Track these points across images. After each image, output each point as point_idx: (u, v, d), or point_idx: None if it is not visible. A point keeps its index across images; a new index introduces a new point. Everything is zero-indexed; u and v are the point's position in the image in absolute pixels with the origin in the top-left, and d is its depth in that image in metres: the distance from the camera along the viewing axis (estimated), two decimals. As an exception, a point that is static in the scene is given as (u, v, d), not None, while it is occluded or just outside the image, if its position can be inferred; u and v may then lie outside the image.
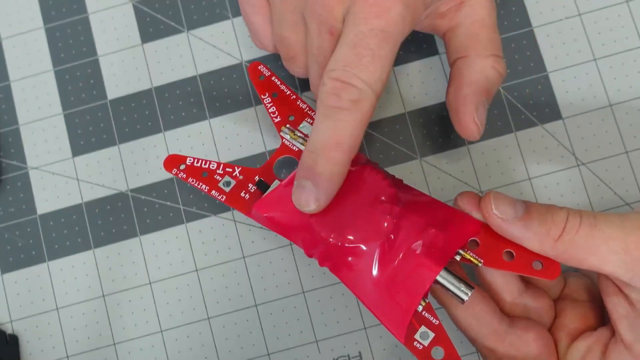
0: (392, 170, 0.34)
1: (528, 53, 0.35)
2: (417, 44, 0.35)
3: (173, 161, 0.31)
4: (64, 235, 0.35)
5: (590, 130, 0.34)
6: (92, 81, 0.36)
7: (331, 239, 0.28)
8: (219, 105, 0.35)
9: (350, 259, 0.28)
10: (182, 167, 0.31)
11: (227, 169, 0.31)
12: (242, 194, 0.31)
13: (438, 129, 0.34)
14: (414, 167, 0.34)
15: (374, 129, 0.34)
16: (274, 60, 0.35)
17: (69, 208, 0.35)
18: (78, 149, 0.36)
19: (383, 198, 0.28)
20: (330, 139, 0.27)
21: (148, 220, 0.35)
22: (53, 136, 0.36)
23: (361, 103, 0.27)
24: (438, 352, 0.27)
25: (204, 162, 0.31)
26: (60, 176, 0.35)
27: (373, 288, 0.28)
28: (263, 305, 0.34)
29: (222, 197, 0.31)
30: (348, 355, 0.33)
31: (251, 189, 0.31)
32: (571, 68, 0.34)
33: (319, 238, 0.28)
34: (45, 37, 0.37)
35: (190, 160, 0.31)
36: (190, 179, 0.31)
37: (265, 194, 0.30)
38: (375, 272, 0.28)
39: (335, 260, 0.28)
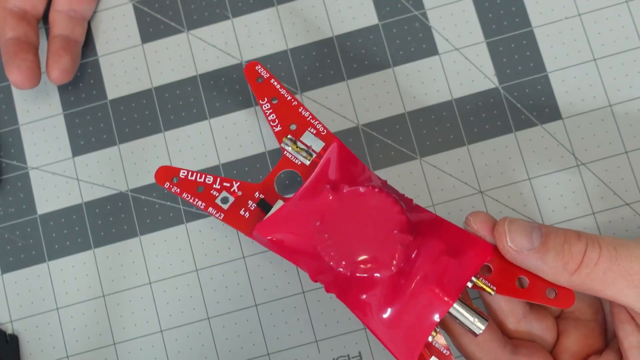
0: (392, 170, 0.34)
1: (528, 53, 0.35)
2: (417, 44, 0.35)
3: (165, 173, 0.30)
4: (64, 235, 0.35)
5: (590, 130, 0.34)
6: (92, 81, 0.36)
7: (341, 269, 0.27)
8: (219, 105, 0.35)
9: (363, 296, 0.27)
10: (175, 180, 0.30)
11: (224, 184, 0.30)
12: (242, 212, 0.29)
13: (438, 129, 0.34)
14: (414, 167, 0.34)
15: (374, 129, 0.35)
16: (275, 61, 0.35)
17: (69, 208, 0.35)
18: (78, 149, 0.36)
19: (395, 229, 0.27)
20: None
21: (148, 220, 0.35)
22: (53, 136, 0.36)
23: None
24: None
25: (199, 175, 0.30)
26: (60, 176, 0.35)
27: (382, 317, 0.27)
28: (263, 305, 0.34)
29: (219, 215, 0.29)
30: (348, 355, 0.33)
31: (251, 206, 0.29)
32: (571, 68, 0.34)
33: (326, 265, 0.27)
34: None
35: (184, 173, 0.30)
36: (184, 194, 0.30)
37: (268, 214, 0.28)
38: (385, 302, 0.27)
39: (343, 288, 0.27)
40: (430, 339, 0.27)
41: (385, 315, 0.27)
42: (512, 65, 0.35)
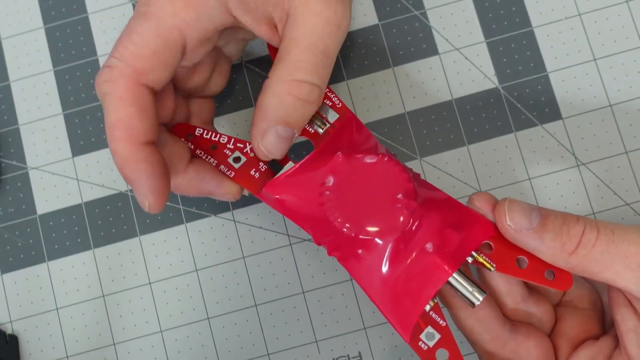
0: (392, 170, 0.34)
1: (528, 53, 0.35)
2: (417, 44, 0.35)
3: (181, 130, 0.30)
4: (64, 235, 0.35)
5: (590, 130, 0.34)
6: (92, 81, 0.36)
7: (345, 229, 0.27)
8: (219, 105, 0.35)
9: (361, 251, 0.27)
10: (190, 137, 0.30)
11: (238, 144, 0.30)
12: (252, 172, 0.29)
13: (438, 129, 0.34)
14: (414, 167, 0.34)
15: (374, 129, 0.34)
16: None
17: (69, 208, 0.35)
18: (78, 149, 0.36)
19: (401, 193, 0.27)
20: (108, 129, 0.26)
21: (148, 220, 0.35)
22: (53, 136, 0.36)
23: (114, 80, 0.26)
24: (443, 355, 0.27)
25: (213, 134, 0.30)
26: (60, 176, 0.35)
27: (382, 283, 0.27)
28: (263, 305, 0.34)
29: (230, 173, 0.30)
30: (348, 356, 0.33)
31: (262, 167, 0.30)
32: (571, 68, 0.34)
33: (331, 227, 0.27)
34: (45, 37, 0.37)
35: (199, 131, 0.30)
36: (198, 151, 0.30)
37: (278, 174, 0.29)
38: (385, 267, 0.27)
39: (346, 250, 0.28)
40: (427, 308, 0.27)
41: (384, 282, 0.27)
42: (512, 65, 0.35)
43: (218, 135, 0.30)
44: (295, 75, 0.27)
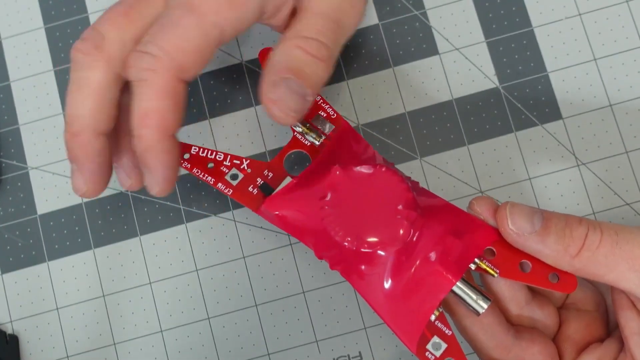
0: (392, 170, 0.34)
1: (528, 53, 0.35)
2: (417, 44, 0.35)
3: None
4: (64, 235, 0.35)
5: (590, 130, 0.34)
6: (92, 81, 0.36)
7: (346, 244, 0.27)
8: (219, 105, 0.35)
9: (363, 267, 0.27)
10: (187, 156, 0.30)
11: (234, 161, 0.30)
12: (250, 189, 0.29)
13: (438, 129, 0.34)
14: (414, 167, 0.34)
15: (374, 128, 0.34)
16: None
17: (69, 208, 0.35)
18: (78, 149, 0.36)
19: (401, 205, 0.27)
20: (140, 115, 0.26)
21: (148, 220, 0.35)
22: (53, 136, 0.36)
23: (156, 71, 0.26)
24: None
25: (209, 152, 0.30)
26: (60, 176, 0.35)
27: (385, 295, 0.27)
28: (263, 305, 0.34)
29: (228, 191, 0.29)
30: (348, 355, 0.33)
31: (260, 183, 0.30)
32: (571, 68, 0.34)
33: (332, 241, 0.27)
34: (45, 37, 0.37)
35: (195, 149, 0.30)
36: (195, 170, 0.30)
37: (277, 190, 0.29)
38: (388, 279, 0.27)
39: (348, 264, 0.28)
40: (432, 318, 0.27)
41: (388, 294, 0.27)
42: (513, 65, 0.35)
43: (214, 152, 0.30)
44: (303, 33, 0.27)
